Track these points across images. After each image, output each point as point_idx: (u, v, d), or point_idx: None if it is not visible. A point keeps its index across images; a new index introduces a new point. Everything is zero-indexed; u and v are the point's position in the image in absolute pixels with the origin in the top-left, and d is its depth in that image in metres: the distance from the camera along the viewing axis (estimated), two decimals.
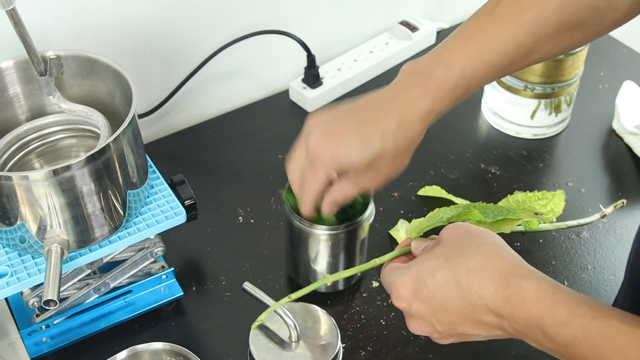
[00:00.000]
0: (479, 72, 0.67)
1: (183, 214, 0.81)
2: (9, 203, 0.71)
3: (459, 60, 0.67)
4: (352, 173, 0.69)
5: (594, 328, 0.50)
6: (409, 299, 0.59)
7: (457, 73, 0.66)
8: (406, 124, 0.67)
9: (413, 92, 0.67)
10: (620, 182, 1.02)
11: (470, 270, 0.57)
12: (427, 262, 0.60)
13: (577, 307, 0.52)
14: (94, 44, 0.90)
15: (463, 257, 0.58)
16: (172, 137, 1.09)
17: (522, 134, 1.08)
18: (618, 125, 1.08)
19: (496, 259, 0.57)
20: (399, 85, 0.68)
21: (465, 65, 0.67)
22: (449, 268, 0.58)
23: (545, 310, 0.53)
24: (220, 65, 1.09)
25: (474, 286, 0.56)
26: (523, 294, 0.54)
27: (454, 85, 0.67)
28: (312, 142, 0.69)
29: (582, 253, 0.92)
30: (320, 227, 0.80)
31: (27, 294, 0.78)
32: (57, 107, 0.82)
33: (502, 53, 0.66)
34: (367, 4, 1.20)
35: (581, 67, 1.04)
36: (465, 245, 0.59)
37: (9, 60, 0.80)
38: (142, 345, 0.78)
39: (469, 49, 0.67)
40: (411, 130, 0.68)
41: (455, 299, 0.57)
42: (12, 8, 0.70)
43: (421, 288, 0.59)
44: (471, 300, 0.56)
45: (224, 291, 0.88)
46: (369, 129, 0.67)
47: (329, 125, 0.69)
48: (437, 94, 0.67)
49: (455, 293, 0.57)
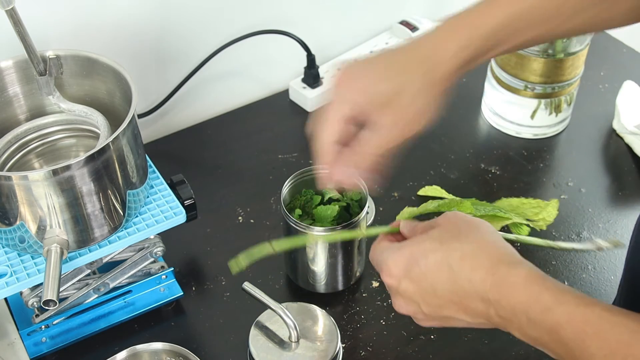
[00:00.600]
0: (518, 21, 0.64)
1: (183, 214, 0.81)
2: (8, 203, 0.71)
3: (499, 7, 0.64)
4: (375, 110, 0.64)
5: (577, 315, 0.51)
6: (398, 277, 0.60)
7: (494, 19, 0.64)
8: (431, 60, 0.64)
9: (443, 34, 0.65)
10: (620, 182, 1.02)
11: (463, 256, 0.57)
12: (422, 243, 0.60)
13: (562, 295, 0.53)
14: (94, 44, 0.90)
15: (458, 242, 0.58)
16: (171, 137, 1.09)
17: (522, 133, 1.08)
18: (618, 125, 1.08)
19: (490, 247, 0.58)
20: (432, 30, 0.66)
21: (504, 11, 0.64)
22: (443, 251, 0.58)
23: (532, 296, 0.53)
24: (220, 65, 1.09)
25: (466, 271, 0.57)
26: (511, 280, 0.55)
27: (488, 30, 0.64)
28: (340, 73, 0.65)
29: (582, 253, 0.92)
30: (317, 228, 0.80)
31: (26, 294, 0.77)
32: (57, 106, 0.82)
33: (543, 7, 0.64)
34: (367, 3, 1.20)
35: (581, 67, 1.03)
36: (462, 231, 0.60)
37: (8, 60, 0.80)
38: (142, 346, 0.78)
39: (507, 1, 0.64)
40: (437, 67, 0.64)
41: (446, 282, 0.57)
42: (11, 8, 0.70)
43: (413, 268, 0.59)
44: (461, 284, 0.57)
45: (223, 291, 0.88)
46: (393, 60, 0.65)
47: (356, 63, 0.66)
48: (467, 36, 0.64)
49: (446, 276, 0.57)
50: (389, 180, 1.01)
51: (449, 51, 0.64)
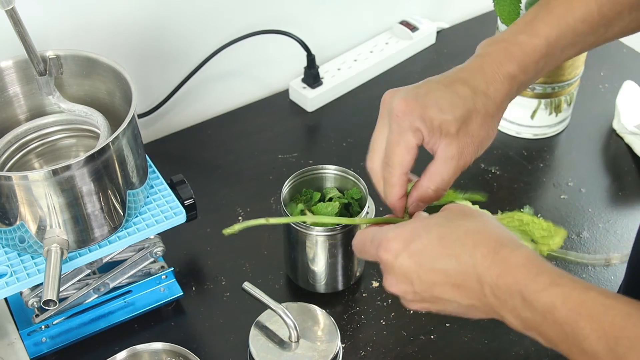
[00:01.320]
0: (563, 39, 0.66)
1: (183, 214, 0.81)
2: (8, 203, 0.71)
3: (544, 27, 0.66)
4: (444, 136, 0.63)
5: (573, 296, 0.51)
6: (397, 251, 0.59)
7: (543, 40, 0.65)
8: (495, 83, 0.65)
9: (497, 57, 0.65)
10: (620, 182, 1.02)
11: (468, 231, 0.58)
12: (426, 219, 0.61)
13: (559, 277, 0.53)
14: (94, 44, 0.90)
15: (464, 220, 0.59)
16: (171, 137, 1.09)
17: (522, 133, 1.08)
18: (618, 125, 1.08)
19: (494, 229, 0.58)
20: (481, 55, 0.67)
21: (550, 32, 0.65)
22: (448, 227, 0.59)
23: (530, 276, 0.54)
24: (220, 65, 1.09)
25: (468, 247, 0.57)
26: (512, 259, 0.55)
27: (540, 51, 0.65)
28: (397, 103, 0.63)
29: (583, 253, 0.92)
30: (317, 229, 0.80)
31: (26, 294, 0.77)
32: (57, 106, 0.82)
33: (586, 21, 0.66)
34: (367, 3, 1.20)
35: (581, 67, 1.03)
36: (459, 217, 0.60)
37: (8, 60, 0.80)
38: (142, 346, 0.78)
39: (553, 16, 0.66)
40: (500, 91, 0.65)
41: (446, 256, 0.57)
42: (11, 8, 0.70)
43: (414, 240, 0.59)
44: (462, 260, 0.57)
45: (223, 291, 0.88)
46: (458, 87, 0.64)
47: (413, 88, 0.65)
48: (523, 59, 0.65)
49: (448, 250, 0.57)
50: None
51: (508, 75, 0.65)
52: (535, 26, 0.66)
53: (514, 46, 0.65)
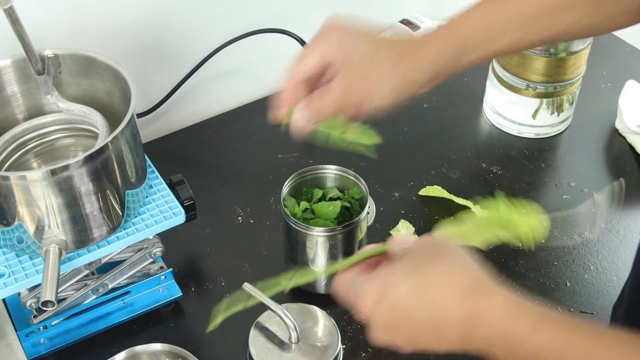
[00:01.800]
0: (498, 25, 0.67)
1: (182, 214, 0.80)
2: (6, 203, 0.71)
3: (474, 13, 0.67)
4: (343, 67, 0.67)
5: (557, 342, 0.50)
6: (372, 307, 0.58)
7: (470, 23, 0.67)
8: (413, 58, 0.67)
9: (427, 38, 0.68)
10: None
11: (434, 284, 0.56)
12: (394, 272, 0.58)
13: (540, 322, 0.51)
14: (92, 43, 0.89)
15: (426, 271, 0.57)
16: (171, 137, 1.09)
17: (523, 133, 1.07)
18: (621, 125, 1.07)
19: (460, 274, 0.56)
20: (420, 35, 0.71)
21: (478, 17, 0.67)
22: (414, 281, 0.56)
23: (507, 326, 0.52)
24: (219, 64, 1.08)
25: (438, 300, 0.55)
26: (485, 310, 0.53)
27: (466, 33, 0.66)
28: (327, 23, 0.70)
29: (585, 254, 0.92)
30: (318, 229, 0.80)
31: (24, 294, 0.77)
32: (55, 106, 0.81)
33: (526, 7, 0.66)
34: (368, 2, 1.19)
35: (583, 66, 1.03)
36: (430, 257, 0.58)
37: (6, 59, 0.79)
38: (141, 347, 0.77)
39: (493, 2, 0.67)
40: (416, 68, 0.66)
41: (419, 312, 0.56)
42: (9, 6, 0.70)
43: (385, 298, 0.57)
44: (435, 314, 0.55)
45: (223, 292, 0.88)
46: (381, 39, 0.68)
47: (348, 20, 0.71)
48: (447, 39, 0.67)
49: (419, 306, 0.56)
50: (389, 180, 1.01)
51: (428, 55, 0.67)
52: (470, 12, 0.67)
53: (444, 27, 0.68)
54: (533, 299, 0.54)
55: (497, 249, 0.92)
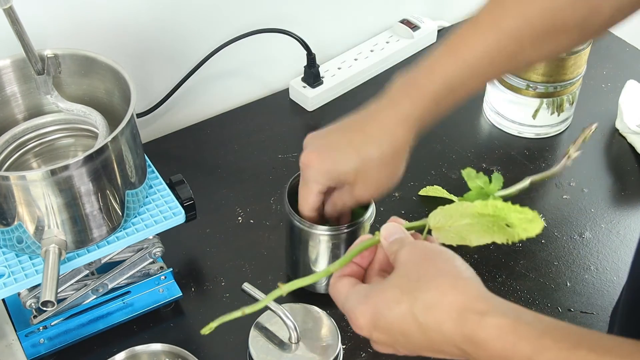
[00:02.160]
0: (461, 76, 0.68)
1: (182, 214, 0.80)
2: (6, 203, 0.71)
3: (441, 66, 0.69)
4: (346, 183, 0.72)
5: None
6: (368, 329, 0.57)
7: (439, 78, 0.69)
8: (388, 129, 0.70)
9: (395, 98, 0.71)
10: (623, 181, 1.01)
11: (426, 306, 0.54)
12: (384, 293, 0.57)
13: (541, 340, 0.50)
14: (92, 43, 0.89)
15: (418, 291, 0.55)
16: (171, 137, 1.09)
17: (524, 133, 1.07)
18: (621, 125, 1.07)
19: (452, 293, 0.54)
20: (386, 96, 0.72)
21: (448, 69, 0.68)
22: (406, 302, 0.55)
23: (508, 349, 0.51)
24: (219, 64, 1.08)
25: (432, 323, 0.54)
26: (482, 334, 0.52)
27: (435, 89, 0.69)
28: (303, 158, 0.73)
29: (585, 254, 0.92)
30: (321, 228, 0.80)
31: (24, 295, 0.77)
32: (55, 106, 0.81)
33: (485, 58, 0.68)
34: (368, 2, 1.19)
35: (584, 66, 1.03)
36: (420, 274, 0.56)
37: (6, 59, 0.79)
38: (141, 347, 0.77)
39: (451, 55, 0.69)
40: (394, 136, 0.70)
41: (415, 332, 0.55)
42: (9, 6, 0.69)
43: (380, 320, 0.56)
44: (431, 335, 0.54)
45: (223, 292, 0.88)
46: (354, 138, 0.71)
47: (319, 139, 0.73)
48: (417, 97, 0.69)
49: (415, 328, 0.55)
50: None
51: (401, 116, 0.70)
52: (434, 64, 0.69)
53: (412, 86, 0.70)
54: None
55: (497, 248, 0.92)
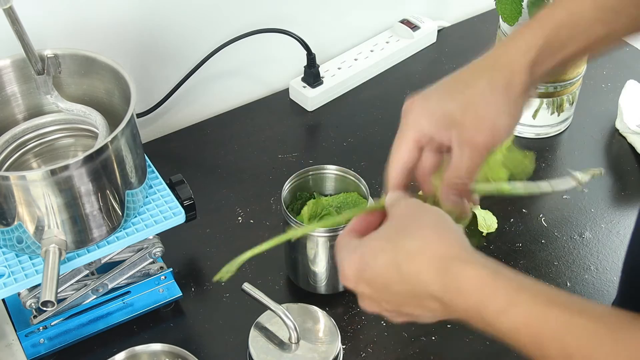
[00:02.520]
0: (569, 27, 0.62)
1: (182, 214, 0.80)
2: (6, 203, 0.71)
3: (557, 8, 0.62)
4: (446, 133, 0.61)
5: (533, 316, 0.49)
6: (355, 280, 0.58)
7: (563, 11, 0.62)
8: (503, 56, 0.62)
9: (511, 35, 0.63)
10: (623, 181, 1.01)
11: (409, 254, 0.55)
12: (371, 242, 0.58)
13: (517, 294, 0.51)
14: (92, 43, 0.89)
15: (403, 239, 0.56)
16: (171, 137, 1.09)
17: (523, 133, 1.07)
18: (621, 125, 1.07)
19: (436, 242, 0.55)
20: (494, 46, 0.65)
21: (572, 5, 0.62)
22: (390, 250, 0.56)
23: (484, 299, 0.51)
24: (219, 64, 1.08)
25: (414, 271, 0.54)
26: (462, 282, 0.52)
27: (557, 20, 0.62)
28: (405, 104, 0.63)
29: (585, 254, 0.92)
30: (319, 229, 0.80)
31: (24, 295, 0.77)
32: (55, 106, 0.81)
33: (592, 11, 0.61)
34: (368, 2, 1.19)
35: (583, 66, 1.03)
36: (407, 225, 0.57)
37: (6, 59, 0.79)
38: (141, 347, 0.77)
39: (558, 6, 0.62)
40: (511, 62, 0.61)
41: (398, 282, 0.55)
42: (9, 6, 0.69)
43: (365, 270, 0.57)
44: (413, 284, 0.55)
45: (223, 292, 0.88)
46: (458, 78, 0.63)
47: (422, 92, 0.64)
48: (538, 27, 0.62)
49: (397, 277, 0.55)
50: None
51: (513, 54, 0.61)
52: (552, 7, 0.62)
53: (531, 20, 0.62)
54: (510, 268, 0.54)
55: (497, 248, 0.92)
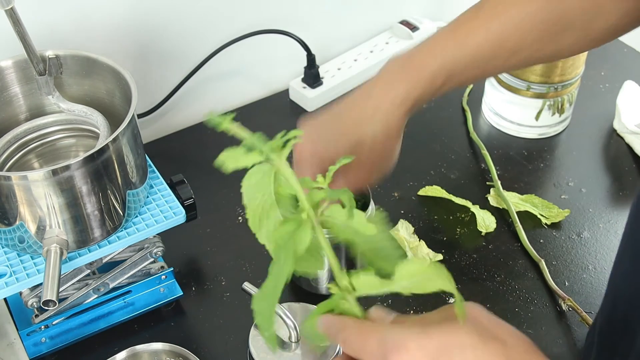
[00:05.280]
0: (461, 61, 0.67)
1: (182, 214, 0.80)
2: (8, 203, 0.71)
3: (441, 48, 0.67)
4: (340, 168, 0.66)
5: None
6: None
7: (438, 60, 0.67)
8: (382, 109, 0.67)
9: (390, 78, 0.68)
10: (621, 181, 1.01)
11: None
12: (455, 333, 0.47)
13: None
14: (94, 44, 0.90)
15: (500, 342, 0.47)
16: (171, 137, 1.09)
17: (522, 133, 1.08)
18: (619, 125, 1.07)
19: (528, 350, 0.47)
20: (379, 75, 0.69)
21: (447, 53, 0.67)
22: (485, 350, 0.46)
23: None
24: (220, 64, 1.08)
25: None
26: None
27: (433, 71, 0.67)
28: (296, 147, 0.68)
29: (583, 253, 0.92)
30: None
31: (26, 294, 0.77)
32: (56, 106, 0.82)
33: (486, 46, 0.66)
34: (368, 3, 1.19)
35: (582, 67, 1.03)
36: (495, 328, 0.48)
37: (8, 60, 0.80)
38: (142, 346, 0.78)
39: (452, 39, 0.67)
40: (389, 115, 0.67)
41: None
42: (11, 7, 0.70)
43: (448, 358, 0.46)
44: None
45: (223, 291, 0.88)
46: (345, 119, 0.68)
47: (312, 126, 0.70)
48: (414, 78, 0.67)
49: None
50: (389, 180, 1.01)
51: (397, 97, 0.66)
52: (434, 46, 0.67)
53: (408, 66, 0.67)
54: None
55: (497, 248, 0.92)
